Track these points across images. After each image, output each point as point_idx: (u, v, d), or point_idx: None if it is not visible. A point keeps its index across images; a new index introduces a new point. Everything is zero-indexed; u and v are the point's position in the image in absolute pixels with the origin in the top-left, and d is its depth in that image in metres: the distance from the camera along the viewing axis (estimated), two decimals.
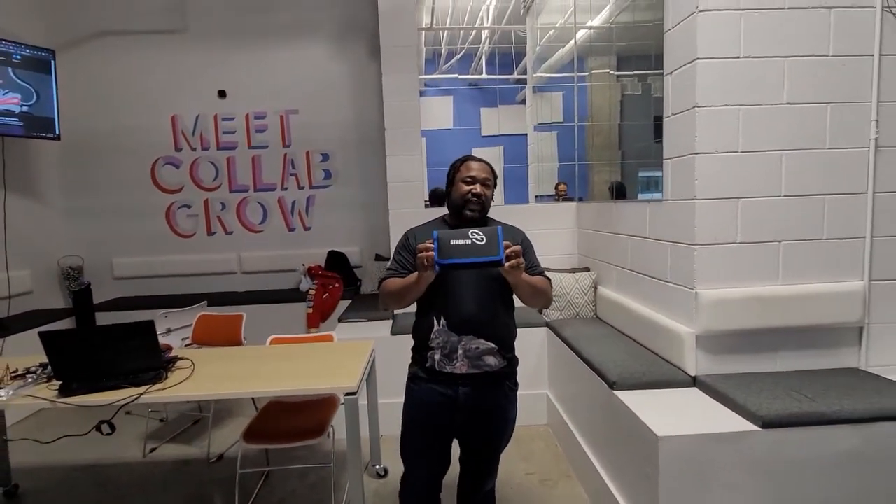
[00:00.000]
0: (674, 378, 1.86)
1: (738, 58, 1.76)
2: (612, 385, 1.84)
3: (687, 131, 1.83)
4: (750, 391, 1.66)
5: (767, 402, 1.56)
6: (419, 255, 1.25)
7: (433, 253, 1.22)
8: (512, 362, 1.51)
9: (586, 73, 3.88)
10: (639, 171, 3.36)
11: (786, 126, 1.79)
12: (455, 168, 1.51)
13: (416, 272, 1.33)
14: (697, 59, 1.76)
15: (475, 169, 1.46)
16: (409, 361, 1.55)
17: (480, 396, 1.44)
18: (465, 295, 1.41)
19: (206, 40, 4.01)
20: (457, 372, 1.41)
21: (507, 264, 1.22)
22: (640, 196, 3.03)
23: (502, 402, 1.49)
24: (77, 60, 3.88)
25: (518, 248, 1.26)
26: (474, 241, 1.22)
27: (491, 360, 1.43)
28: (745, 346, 1.86)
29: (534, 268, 1.48)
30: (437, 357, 1.43)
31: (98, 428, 1.68)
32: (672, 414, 1.62)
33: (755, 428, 1.50)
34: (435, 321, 1.43)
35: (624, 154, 3.76)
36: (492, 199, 1.50)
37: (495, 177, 1.51)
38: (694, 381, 1.85)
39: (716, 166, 1.79)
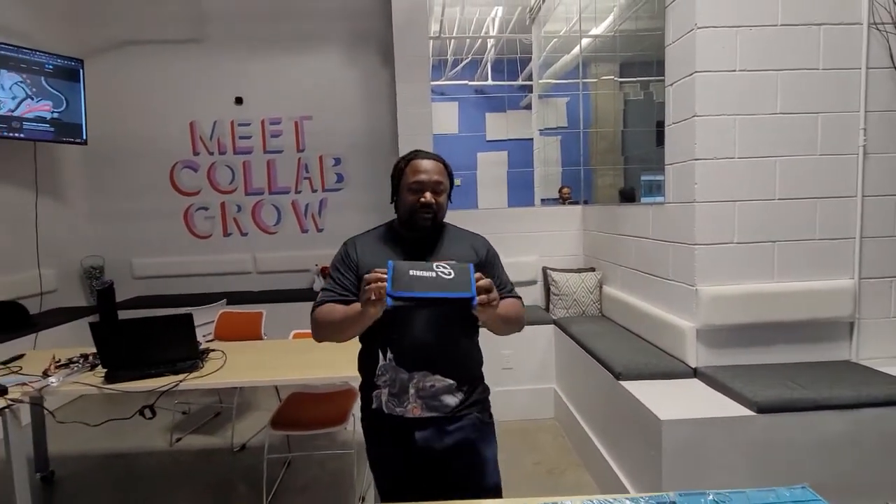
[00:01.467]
0: (676, 369, 1.98)
1: (735, 71, 1.90)
2: (618, 376, 1.97)
3: (687, 139, 1.96)
4: (746, 380, 1.79)
5: (762, 390, 1.69)
6: (367, 285, 1.00)
7: (385, 277, 0.98)
8: (476, 392, 1.24)
9: (591, 80, 4.02)
10: (641, 174, 3.50)
11: (779, 134, 1.92)
12: (399, 170, 1.22)
13: (358, 301, 1.06)
14: (696, 72, 1.89)
15: (424, 171, 1.17)
16: None
17: (441, 439, 1.18)
18: (415, 321, 1.16)
19: (224, 49, 4.17)
20: (408, 416, 1.16)
21: (478, 302, 0.99)
22: (643, 199, 3.17)
23: (471, 438, 1.20)
24: (103, 69, 4.04)
25: (490, 281, 1.04)
26: (440, 273, 1.01)
27: (450, 400, 1.17)
28: (743, 339, 1.99)
29: (503, 287, 1.23)
30: (383, 398, 1.18)
31: (141, 412, 1.81)
32: (674, 401, 1.75)
33: (751, 413, 1.63)
34: (380, 354, 1.18)
35: (627, 159, 3.91)
36: (447, 204, 1.24)
37: (451, 176, 1.24)
38: (695, 373, 1.97)
39: (714, 171, 1.92)
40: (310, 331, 2.54)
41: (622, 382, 1.94)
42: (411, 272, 1.01)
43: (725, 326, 1.96)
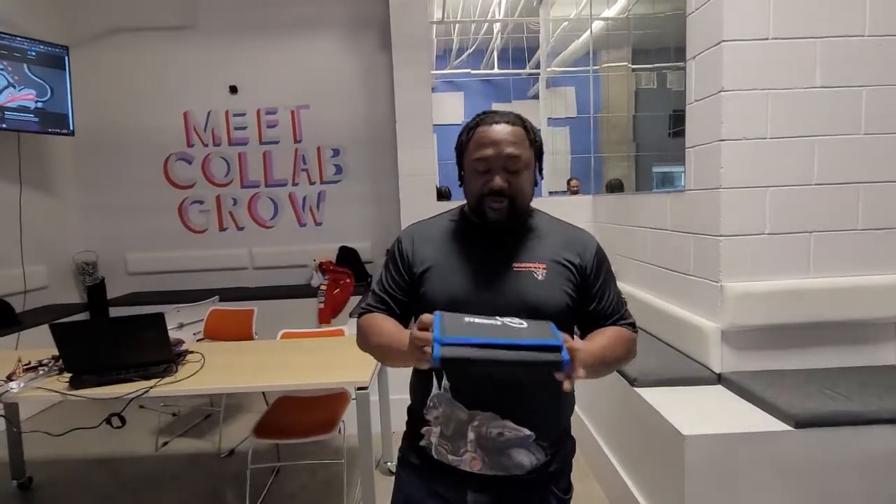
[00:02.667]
0: (697, 375, 1.78)
1: (767, 39, 1.68)
2: (633, 382, 1.78)
3: (712, 118, 1.75)
4: (780, 389, 1.58)
5: (800, 401, 1.48)
6: (414, 336, 0.76)
7: (431, 339, 0.72)
8: (560, 455, 0.95)
9: (602, 66, 3.79)
10: (653, 166, 3.28)
11: (818, 111, 1.70)
12: (461, 143, 0.94)
13: (407, 331, 0.83)
14: (723, 41, 1.67)
15: (491, 141, 0.87)
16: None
17: None
18: None
19: (217, 36, 4.00)
20: (464, 469, 0.89)
21: (569, 371, 0.73)
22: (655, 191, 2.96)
23: None
24: (90, 57, 3.90)
25: (577, 345, 0.76)
26: (506, 322, 0.76)
27: (524, 459, 0.88)
28: (773, 341, 1.78)
29: (611, 313, 0.95)
30: (433, 439, 0.91)
31: (108, 421, 1.66)
32: (697, 412, 1.55)
33: (788, 428, 1.42)
34: (434, 379, 0.91)
35: (639, 148, 3.68)
36: (533, 184, 0.93)
37: (536, 143, 0.93)
38: (719, 379, 1.77)
39: (743, 154, 1.70)
40: (300, 330, 2.42)
41: (637, 389, 1.74)
42: (467, 318, 0.75)
43: (754, 327, 1.75)
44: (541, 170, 0.97)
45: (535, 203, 0.99)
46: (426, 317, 0.76)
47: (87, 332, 1.74)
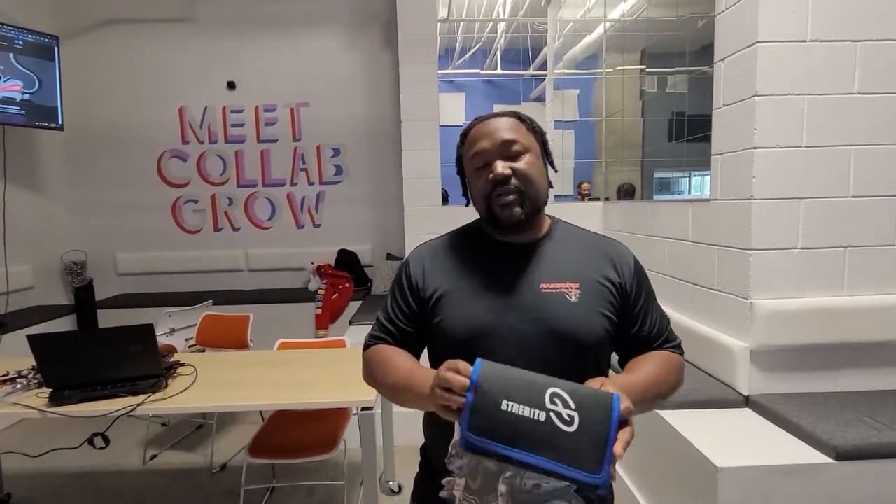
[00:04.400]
0: (724, 397, 1.68)
1: (805, 41, 1.58)
2: None
3: (744, 123, 1.64)
4: (815, 416, 1.48)
5: (840, 430, 1.38)
6: (439, 392, 0.66)
7: (464, 402, 0.63)
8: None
9: (616, 69, 3.69)
10: (654, 171, 3.20)
11: (856, 119, 1.60)
12: (459, 155, 0.87)
13: (426, 371, 0.76)
14: (758, 42, 1.57)
15: (486, 134, 0.80)
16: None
17: None
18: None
19: (215, 30, 3.86)
20: None
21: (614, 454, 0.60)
22: (656, 197, 2.87)
23: None
24: (82, 48, 3.75)
25: (630, 408, 0.64)
26: (553, 417, 0.60)
27: None
28: (803, 362, 1.68)
29: (653, 329, 0.84)
30: (457, 492, 0.76)
31: (91, 441, 1.53)
32: (728, 440, 1.44)
33: (829, 460, 1.32)
34: (456, 424, 0.74)
35: (645, 153, 3.59)
36: (545, 174, 0.83)
37: (536, 129, 0.84)
38: (746, 401, 1.67)
39: (777, 163, 1.60)
40: (300, 340, 2.29)
41: (661, 413, 1.64)
42: (504, 404, 0.60)
43: (784, 347, 1.65)
44: (551, 162, 0.86)
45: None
46: (458, 365, 0.66)
47: (68, 345, 1.60)
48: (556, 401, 0.61)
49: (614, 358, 0.89)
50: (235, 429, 2.79)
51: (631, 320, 0.83)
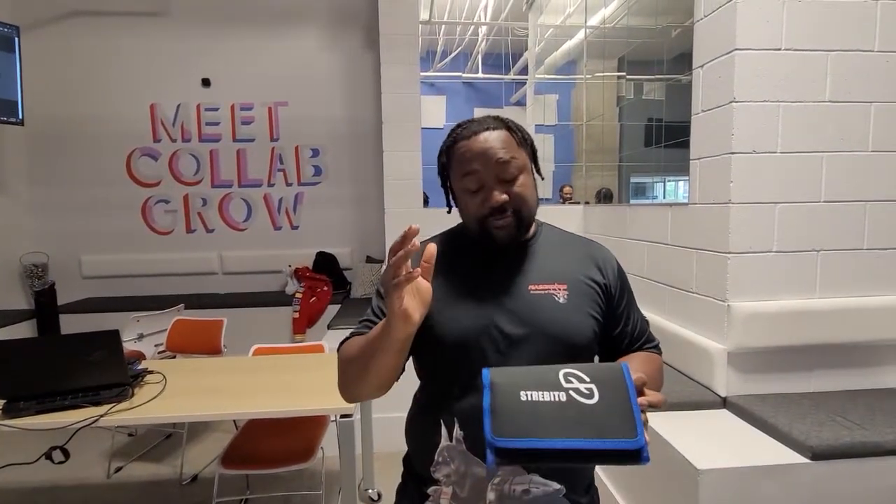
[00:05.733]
0: (702, 399, 1.70)
1: (780, 49, 1.61)
2: None
3: (721, 129, 1.67)
4: (791, 416, 1.50)
5: (815, 430, 1.41)
6: (388, 275, 0.63)
7: (412, 250, 0.60)
8: None
9: (595, 75, 3.74)
10: (630, 176, 3.25)
11: (827, 126, 1.65)
12: (443, 165, 0.82)
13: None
14: (736, 49, 1.60)
15: (478, 152, 0.75)
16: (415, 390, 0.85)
17: None
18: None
19: (189, 25, 3.75)
20: None
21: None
22: (632, 201, 2.91)
23: None
24: (46, 40, 3.58)
25: (643, 377, 0.63)
26: (573, 394, 0.58)
27: None
28: (778, 364, 1.71)
29: (635, 329, 0.85)
30: (444, 501, 0.77)
31: (49, 455, 1.43)
32: (708, 442, 1.45)
33: (804, 460, 1.34)
34: (442, 428, 0.76)
35: (622, 157, 3.64)
36: (534, 187, 0.79)
37: (527, 140, 0.80)
38: (724, 403, 1.69)
39: (753, 168, 1.63)
40: (275, 345, 2.22)
41: None
42: (523, 395, 0.58)
43: (759, 349, 1.68)
44: (538, 170, 0.83)
45: None
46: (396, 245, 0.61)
47: (24, 353, 1.50)
48: (571, 378, 0.60)
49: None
50: (208, 438, 2.69)
51: (614, 321, 0.83)
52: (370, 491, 2.10)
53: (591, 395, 0.58)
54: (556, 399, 0.58)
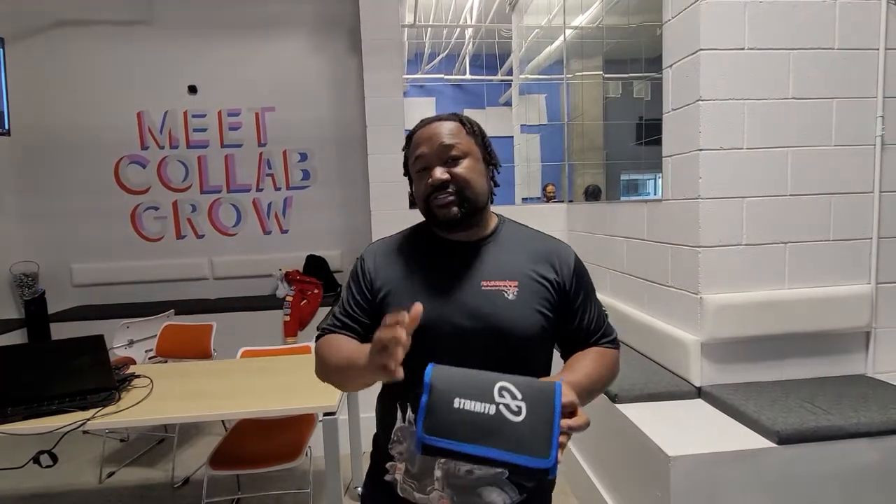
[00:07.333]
0: (677, 389, 1.74)
1: (743, 49, 1.67)
2: (614, 398, 1.72)
3: (690, 127, 1.72)
4: (760, 403, 1.56)
5: (782, 416, 1.46)
6: (379, 345, 0.64)
7: (402, 343, 0.63)
8: (538, 492, 0.87)
9: (575, 74, 3.80)
10: (620, 174, 3.30)
11: (791, 122, 1.70)
12: (406, 158, 0.88)
13: (369, 345, 0.69)
14: (701, 49, 1.65)
15: (426, 138, 0.82)
16: None
17: None
18: (448, 363, 0.76)
19: (174, 33, 3.77)
20: None
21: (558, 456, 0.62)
22: (622, 199, 2.97)
23: None
24: (31, 50, 3.59)
25: (574, 401, 0.67)
26: (502, 409, 0.63)
27: (495, 498, 0.79)
28: (751, 353, 1.76)
29: (591, 325, 0.87)
30: (398, 476, 0.84)
31: (37, 459, 1.46)
32: (681, 430, 1.50)
33: (771, 444, 1.39)
34: (398, 411, 0.83)
35: (608, 155, 3.70)
36: (486, 177, 0.85)
37: (477, 132, 0.86)
38: (699, 393, 1.74)
39: (721, 164, 1.69)
40: (262, 348, 2.25)
41: (619, 406, 1.69)
42: (456, 402, 0.62)
43: (732, 339, 1.73)
44: (493, 164, 0.88)
45: (507, 211, 0.95)
46: (390, 316, 0.65)
47: (10, 359, 1.53)
48: (505, 393, 0.63)
49: (557, 354, 0.92)
50: (199, 441, 2.71)
51: (570, 316, 0.87)
52: (359, 489, 2.13)
53: (518, 413, 0.62)
54: (486, 412, 0.62)
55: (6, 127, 3.17)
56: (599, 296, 1.24)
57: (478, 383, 0.64)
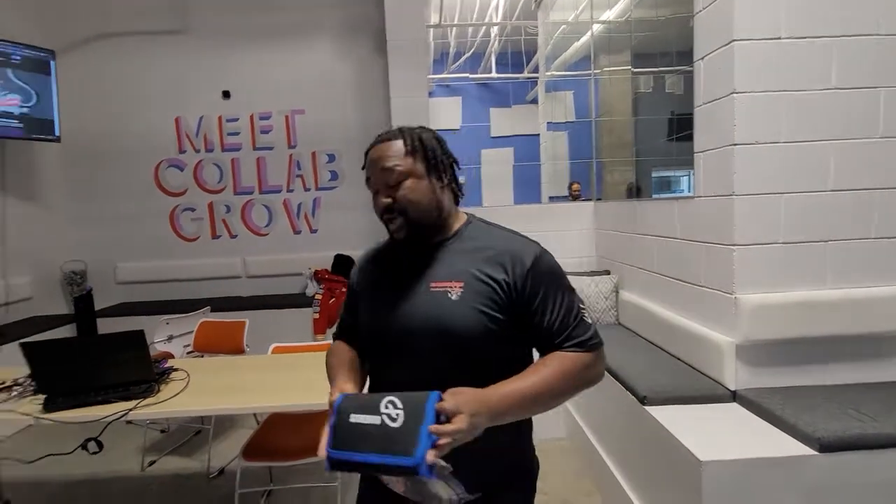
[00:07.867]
0: (711, 392, 1.69)
1: (780, 38, 1.60)
2: (643, 400, 1.68)
3: (724, 121, 1.67)
4: (800, 408, 1.49)
5: (824, 422, 1.39)
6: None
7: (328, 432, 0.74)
8: (500, 500, 0.88)
9: (603, 70, 3.72)
10: (652, 170, 3.21)
11: (834, 114, 1.62)
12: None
13: (346, 365, 0.93)
14: (734, 40, 1.60)
15: (370, 163, 0.86)
16: None
17: None
18: (409, 370, 0.85)
19: (208, 40, 3.92)
20: (394, 491, 0.84)
21: (429, 458, 0.67)
22: (654, 196, 2.89)
23: None
24: (77, 62, 3.81)
25: (450, 408, 0.70)
26: (385, 419, 0.71)
27: (440, 491, 0.80)
28: (790, 356, 1.69)
29: (553, 324, 0.82)
30: None
31: (84, 446, 1.55)
32: (713, 435, 1.46)
33: (812, 452, 1.33)
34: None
35: (639, 152, 3.61)
36: (437, 192, 0.86)
37: (418, 147, 0.85)
38: (734, 396, 1.68)
39: (756, 159, 1.62)
40: (292, 344, 2.31)
41: (648, 408, 1.65)
42: (352, 418, 0.73)
43: (769, 341, 1.66)
44: (443, 175, 0.87)
45: (532, 211, 0.99)
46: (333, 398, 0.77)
47: (61, 352, 1.63)
48: (389, 405, 0.72)
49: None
50: (234, 434, 2.81)
51: (529, 316, 0.82)
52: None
53: (396, 420, 0.71)
54: (373, 422, 0.72)
55: (57, 134, 3.37)
56: (628, 295, 1.22)
57: (370, 401, 0.74)
